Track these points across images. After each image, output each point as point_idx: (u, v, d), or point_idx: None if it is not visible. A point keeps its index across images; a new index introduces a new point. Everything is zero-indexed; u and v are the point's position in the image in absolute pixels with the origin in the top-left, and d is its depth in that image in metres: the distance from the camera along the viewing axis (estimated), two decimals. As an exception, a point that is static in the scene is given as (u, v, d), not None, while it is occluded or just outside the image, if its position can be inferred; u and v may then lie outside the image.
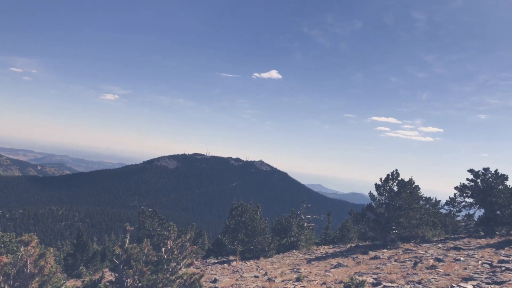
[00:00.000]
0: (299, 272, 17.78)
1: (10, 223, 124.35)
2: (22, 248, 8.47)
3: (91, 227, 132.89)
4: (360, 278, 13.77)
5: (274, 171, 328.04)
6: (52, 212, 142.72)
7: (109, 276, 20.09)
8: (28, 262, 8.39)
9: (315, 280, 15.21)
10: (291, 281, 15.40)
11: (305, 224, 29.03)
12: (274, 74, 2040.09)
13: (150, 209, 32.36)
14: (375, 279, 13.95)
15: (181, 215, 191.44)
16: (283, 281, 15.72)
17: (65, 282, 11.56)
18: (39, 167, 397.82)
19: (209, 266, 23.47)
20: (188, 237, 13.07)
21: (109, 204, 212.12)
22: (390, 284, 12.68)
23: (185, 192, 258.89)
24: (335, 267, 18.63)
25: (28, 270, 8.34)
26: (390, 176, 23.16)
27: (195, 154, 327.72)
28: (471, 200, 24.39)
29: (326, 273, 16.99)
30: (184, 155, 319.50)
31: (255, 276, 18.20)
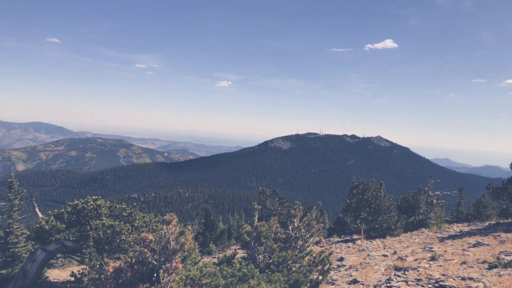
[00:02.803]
0: (432, 251, 16.61)
1: (144, 205, 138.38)
2: (164, 227, 9.13)
3: (214, 208, 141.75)
4: (508, 258, 12.33)
5: (393, 146, 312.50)
6: (180, 195, 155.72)
7: (238, 253, 21.07)
8: (170, 239, 9.02)
9: (452, 260, 14.05)
10: (425, 260, 14.44)
11: (434, 200, 27.02)
12: (388, 43, 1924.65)
13: (268, 189, 33.07)
14: (527, 260, 12.37)
15: (298, 195, 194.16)
16: (415, 260, 14.82)
17: (202, 258, 12.34)
18: (165, 154, 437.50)
19: (333, 245, 23.24)
20: (314, 215, 12.99)
21: (229, 185, 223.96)
22: (548, 266, 11.11)
23: (301, 172, 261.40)
24: (474, 246, 17.02)
25: (171, 246, 8.98)
26: (536, 145, 20.27)
27: (308, 133, 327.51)
28: None
29: (465, 252, 15.61)
30: (297, 135, 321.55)
31: (384, 255, 17.50)
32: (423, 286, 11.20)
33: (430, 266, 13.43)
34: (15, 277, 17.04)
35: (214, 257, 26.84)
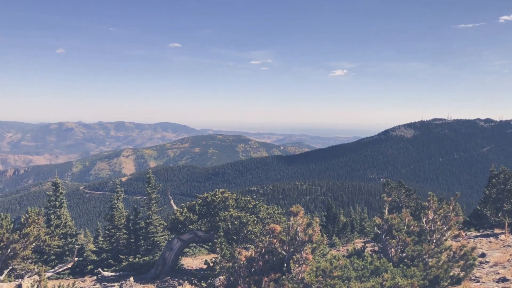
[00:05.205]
0: None
1: (263, 198, 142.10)
2: (292, 218, 9.14)
3: (333, 200, 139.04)
4: None
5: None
6: (297, 187, 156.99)
7: (367, 246, 20.32)
8: (298, 230, 8.98)
9: None
10: None
11: None
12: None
13: (392, 181, 31.41)
14: None
15: (425, 186, 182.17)
16: None
17: (330, 250, 12.11)
18: (281, 147, 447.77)
19: (471, 239, 21.16)
20: (451, 207, 11.84)
21: (347, 177, 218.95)
22: None
23: (427, 161, 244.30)
24: None
25: (299, 238, 8.94)
26: None
27: (434, 119, 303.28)
28: None
29: None
30: (421, 122, 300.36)
31: (536, 252, 15.36)
32: None
33: None
34: (156, 263, 18.74)
35: (338, 250, 26.40)
